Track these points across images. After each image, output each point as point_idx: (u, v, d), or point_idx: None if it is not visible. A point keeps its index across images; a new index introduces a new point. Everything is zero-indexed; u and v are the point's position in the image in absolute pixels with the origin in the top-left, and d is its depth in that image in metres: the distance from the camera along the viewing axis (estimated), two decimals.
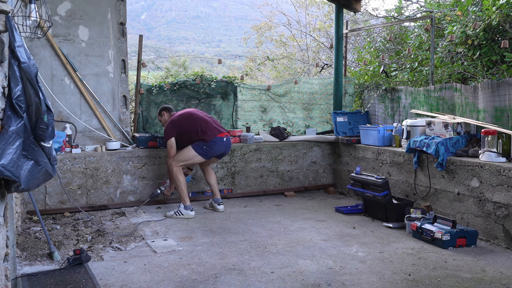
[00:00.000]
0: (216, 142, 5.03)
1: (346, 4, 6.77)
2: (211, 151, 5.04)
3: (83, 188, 5.19)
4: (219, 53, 30.16)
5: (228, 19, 74.92)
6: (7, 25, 2.21)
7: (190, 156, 4.99)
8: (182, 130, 5.03)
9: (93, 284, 3.07)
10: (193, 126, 5.02)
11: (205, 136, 4.98)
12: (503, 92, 4.61)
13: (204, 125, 5.03)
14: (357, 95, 6.91)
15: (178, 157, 4.99)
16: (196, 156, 5.01)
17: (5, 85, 2.27)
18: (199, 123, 5.03)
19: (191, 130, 5.01)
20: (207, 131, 5.01)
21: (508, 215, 3.94)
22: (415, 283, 3.19)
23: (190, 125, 5.03)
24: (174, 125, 5.05)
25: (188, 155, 4.99)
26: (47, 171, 2.46)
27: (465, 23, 5.55)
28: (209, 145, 5.00)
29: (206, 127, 5.03)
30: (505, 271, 3.42)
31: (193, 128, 5.01)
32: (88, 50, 5.61)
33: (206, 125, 5.04)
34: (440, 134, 4.86)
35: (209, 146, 5.00)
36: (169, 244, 4.06)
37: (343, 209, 5.19)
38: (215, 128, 5.08)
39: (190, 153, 4.99)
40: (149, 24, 70.14)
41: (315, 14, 14.81)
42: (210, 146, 5.01)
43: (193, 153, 4.99)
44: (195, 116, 5.11)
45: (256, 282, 3.21)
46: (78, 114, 5.56)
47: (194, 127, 5.02)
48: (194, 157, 5.01)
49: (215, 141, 5.02)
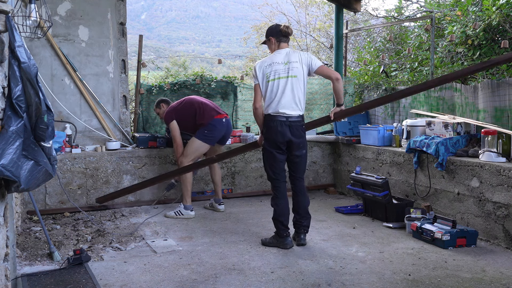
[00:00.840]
0: (215, 125, 4.96)
1: (346, 4, 6.77)
2: (212, 135, 4.96)
3: (83, 188, 5.19)
4: (219, 53, 30.17)
5: (228, 19, 74.93)
6: (7, 25, 2.21)
7: (196, 146, 4.93)
8: (181, 114, 5.00)
9: (93, 284, 3.07)
10: (192, 109, 4.98)
11: (203, 119, 4.94)
12: (503, 92, 4.61)
13: (202, 107, 4.98)
14: (357, 95, 6.91)
15: (185, 152, 4.94)
16: (201, 144, 4.94)
17: (5, 85, 2.27)
18: (196, 106, 4.99)
19: (189, 113, 4.98)
20: (205, 113, 4.96)
21: (508, 215, 3.94)
22: (415, 283, 3.19)
23: (189, 108, 5.00)
24: (174, 110, 5.03)
25: (194, 146, 4.93)
26: (47, 171, 2.46)
27: (465, 23, 5.55)
28: (209, 128, 4.93)
29: (204, 109, 4.97)
30: (505, 271, 3.42)
31: (191, 112, 4.98)
32: (88, 50, 5.61)
33: (204, 107, 4.99)
34: (440, 134, 4.86)
35: (209, 129, 4.93)
36: (169, 244, 4.06)
37: (343, 209, 5.19)
38: (213, 109, 5.03)
39: (194, 144, 4.93)
40: (149, 24, 70.17)
41: (315, 14, 14.82)
42: (210, 129, 4.94)
43: (198, 142, 4.93)
44: (194, 100, 5.09)
45: (256, 282, 3.21)
46: (78, 114, 5.56)
47: (192, 110, 4.98)
48: (200, 146, 4.94)
49: (213, 123, 4.95)
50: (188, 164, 4.81)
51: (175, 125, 4.99)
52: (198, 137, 4.95)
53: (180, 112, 5.01)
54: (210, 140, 4.98)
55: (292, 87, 3.82)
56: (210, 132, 4.95)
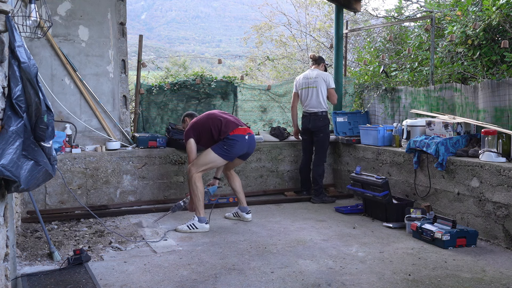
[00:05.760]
0: (237, 140, 4.55)
1: (346, 4, 6.77)
2: (232, 151, 4.57)
3: (83, 188, 5.19)
4: (219, 53, 30.14)
5: (228, 19, 74.93)
6: (7, 25, 2.21)
7: (210, 159, 4.53)
8: (201, 129, 4.63)
9: (93, 284, 3.07)
10: (213, 124, 4.61)
11: (224, 134, 4.55)
12: (503, 92, 4.61)
13: (223, 122, 4.61)
14: (357, 95, 6.91)
15: (197, 161, 4.54)
16: (217, 158, 4.53)
17: (5, 85, 2.27)
18: (218, 121, 4.61)
19: (210, 129, 4.61)
20: (227, 129, 4.57)
21: (508, 215, 3.94)
22: (415, 283, 3.19)
23: (209, 123, 4.63)
24: (193, 126, 4.68)
25: (208, 158, 4.53)
26: (47, 171, 2.46)
27: (465, 23, 5.55)
28: (229, 143, 4.53)
29: (226, 124, 4.60)
30: (505, 271, 3.42)
31: (212, 126, 4.60)
32: (88, 50, 5.61)
33: (226, 122, 4.62)
34: (440, 134, 4.86)
35: (230, 145, 4.53)
36: (169, 244, 4.06)
37: (343, 209, 5.19)
38: (235, 124, 4.64)
39: (210, 156, 4.54)
40: (149, 24, 70.18)
41: (315, 14, 14.81)
42: (231, 145, 4.54)
43: (213, 155, 4.53)
44: (215, 114, 4.72)
45: (256, 282, 3.21)
46: (78, 114, 5.56)
47: (214, 124, 4.60)
48: (215, 160, 4.55)
49: (235, 138, 4.55)
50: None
51: (192, 143, 4.61)
52: (215, 150, 4.55)
53: (200, 128, 4.65)
54: (227, 156, 4.59)
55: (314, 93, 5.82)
56: (230, 148, 4.55)
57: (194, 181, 4.50)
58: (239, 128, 4.63)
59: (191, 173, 4.52)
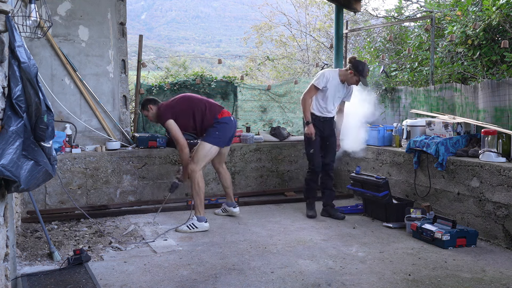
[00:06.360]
0: (227, 123, 4.59)
1: (346, 4, 6.77)
2: (224, 135, 4.58)
3: (83, 188, 5.19)
4: (219, 53, 30.11)
5: (228, 19, 74.91)
6: (7, 25, 2.21)
7: (206, 150, 4.52)
8: (178, 113, 4.55)
9: (93, 284, 3.07)
10: (191, 107, 4.56)
11: (212, 118, 4.55)
12: (503, 92, 4.61)
13: (207, 105, 4.60)
14: None
15: (196, 158, 4.51)
16: (212, 147, 4.53)
17: (5, 85, 2.27)
18: (202, 104, 4.59)
19: (192, 112, 4.56)
20: (214, 112, 4.57)
21: (508, 215, 3.94)
22: (415, 283, 3.19)
23: (188, 106, 4.58)
24: (169, 107, 4.57)
25: (204, 150, 4.51)
26: (47, 171, 2.46)
27: (465, 23, 5.55)
28: (221, 128, 4.55)
29: (210, 108, 4.59)
30: (505, 271, 3.42)
31: (191, 109, 4.56)
32: (88, 50, 5.61)
33: (210, 105, 4.61)
34: (440, 134, 4.86)
35: (221, 129, 4.56)
36: (169, 244, 4.06)
37: (343, 209, 5.19)
38: (219, 106, 4.70)
39: (205, 148, 4.52)
40: (149, 24, 70.16)
41: (315, 14, 14.82)
42: (223, 129, 4.56)
43: (208, 146, 4.52)
44: (192, 97, 4.69)
45: (256, 282, 3.21)
46: (78, 114, 5.56)
47: (197, 108, 4.56)
48: (210, 150, 4.54)
49: (225, 121, 4.58)
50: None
51: (173, 124, 4.53)
52: (208, 140, 4.53)
53: (176, 110, 4.58)
54: (221, 142, 4.60)
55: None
56: (222, 133, 4.57)
57: (197, 182, 4.50)
58: (224, 110, 4.69)
59: (194, 173, 4.48)
